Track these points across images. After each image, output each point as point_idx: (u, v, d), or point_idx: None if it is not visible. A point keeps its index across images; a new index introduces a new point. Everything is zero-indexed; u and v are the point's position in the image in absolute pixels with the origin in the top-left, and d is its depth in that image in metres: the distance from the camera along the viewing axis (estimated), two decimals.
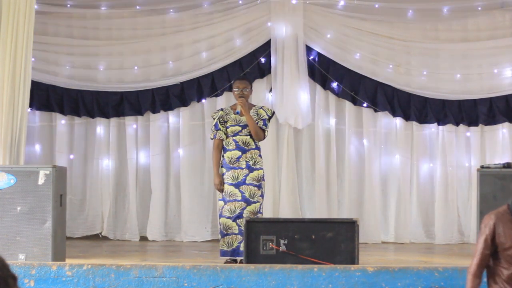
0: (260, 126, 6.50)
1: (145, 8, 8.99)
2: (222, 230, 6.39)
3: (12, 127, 6.74)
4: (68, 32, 9.06)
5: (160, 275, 5.07)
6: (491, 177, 6.19)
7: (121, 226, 8.98)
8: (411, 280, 4.98)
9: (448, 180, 8.85)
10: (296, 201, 8.84)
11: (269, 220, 6.46)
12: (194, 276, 5.06)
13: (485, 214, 6.12)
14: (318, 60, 8.88)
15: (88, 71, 9.03)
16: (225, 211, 6.38)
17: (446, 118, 8.85)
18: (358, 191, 8.91)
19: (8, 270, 2.32)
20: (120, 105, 8.98)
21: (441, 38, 8.98)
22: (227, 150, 6.50)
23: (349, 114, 8.93)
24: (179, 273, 5.07)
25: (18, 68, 6.81)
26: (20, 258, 6.00)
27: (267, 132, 6.61)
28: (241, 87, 6.55)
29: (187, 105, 8.96)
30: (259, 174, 6.46)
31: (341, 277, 5.01)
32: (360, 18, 8.91)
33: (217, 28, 8.94)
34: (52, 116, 9.10)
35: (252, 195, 6.39)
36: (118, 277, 5.08)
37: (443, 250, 8.16)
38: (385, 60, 8.91)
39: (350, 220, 5.79)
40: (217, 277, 5.05)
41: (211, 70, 8.93)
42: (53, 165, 6.31)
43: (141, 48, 9.03)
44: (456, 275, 4.98)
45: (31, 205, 6.10)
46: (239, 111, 6.44)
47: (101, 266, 5.13)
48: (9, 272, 2.32)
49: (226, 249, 6.36)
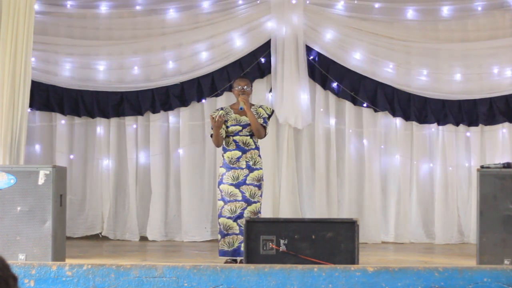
0: (261, 124, 6.51)
1: (145, 8, 9.00)
2: (222, 230, 6.38)
3: (12, 127, 6.74)
4: (68, 32, 9.06)
5: (160, 275, 5.07)
6: (491, 177, 6.19)
7: (121, 226, 8.98)
8: (411, 280, 4.98)
9: (448, 180, 8.85)
10: (296, 201, 8.84)
11: (269, 220, 6.46)
12: (194, 276, 5.06)
13: (485, 214, 6.16)
14: (318, 60, 8.88)
15: (88, 71, 9.03)
16: (225, 211, 6.38)
17: (446, 118, 8.85)
18: (358, 191, 8.91)
19: (9, 270, 2.33)
20: (120, 105, 8.98)
21: (441, 38, 8.98)
22: (227, 150, 6.50)
23: (349, 114, 8.93)
24: (179, 273, 5.07)
25: (18, 68, 6.81)
26: (20, 258, 6.00)
27: (268, 130, 6.62)
28: (242, 84, 6.56)
29: (187, 105, 8.97)
30: (259, 174, 6.47)
31: (341, 277, 5.01)
32: (360, 18, 8.91)
33: (217, 28, 8.94)
34: (52, 116, 9.11)
35: (253, 195, 6.39)
36: (118, 277, 5.08)
37: (443, 250, 8.16)
38: (385, 60, 8.91)
39: (350, 220, 5.79)
40: (217, 277, 5.05)
41: (211, 70, 8.93)
42: (53, 165, 6.32)
43: (141, 48, 9.03)
44: (456, 275, 4.98)
45: (31, 205, 6.10)
46: (242, 107, 6.43)
47: (101, 266, 5.12)
48: (9, 272, 2.33)
49: (226, 249, 6.35)
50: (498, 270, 5.00)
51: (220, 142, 6.51)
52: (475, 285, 4.95)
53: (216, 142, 6.53)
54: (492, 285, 4.94)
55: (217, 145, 6.59)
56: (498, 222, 6.13)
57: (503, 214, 6.14)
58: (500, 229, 6.13)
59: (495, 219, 6.13)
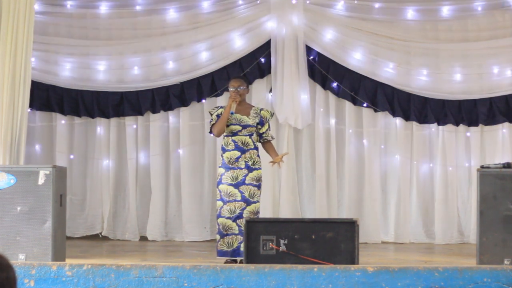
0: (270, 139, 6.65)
1: (145, 8, 8.99)
2: (221, 230, 6.38)
3: (12, 127, 6.74)
4: (68, 32, 9.06)
5: (160, 275, 5.07)
6: (491, 177, 6.19)
7: (121, 226, 8.98)
8: (411, 280, 4.98)
9: (448, 180, 8.85)
10: (296, 201, 8.84)
11: (269, 220, 6.47)
12: (194, 276, 5.06)
13: (485, 214, 6.16)
14: (318, 60, 8.88)
15: (88, 71, 9.02)
16: (225, 211, 6.37)
17: (446, 118, 8.85)
18: (358, 191, 8.91)
19: (14, 272, 2.37)
20: (120, 105, 8.98)
21: (441, 38, 8.97)
22: (226, 150, 6.50)
23: (349, 114, 8.93)
24: (179, 273, 5.07)
25: (18, 68, 6.81)
26: (20, 258, 6.00)
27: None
28: (235, 85, 6.55)
29: (187, 105, 8.96)
30: (258, 174, 6.46)
31: (341, 277, 5.01)
32: (360, 18, 8.90)
33: (217, 28, 8.93)
34: (52, 116, 9.10)
35: (252, 195, 6.39)
36: (118, 277, 5.08)
37: (443, 250, 8.16)
38: (385, 60, 8.91)
39: (350, 220, 5.79)
40: (217, 277, 5.05)
41: (211, 70, 8.92)
42: (53, 165, 6.32)
43: (141, 48, 9.03)
44: (456, 275, 4.98)
45: (31, 205, 6.10)
46: (233, 112, 6.42)
47: (101, 266, 5.13)
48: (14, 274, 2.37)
49: (226, 249, 6.35)
50: (498, 270, 5.01)
51: (223, 130, 6.46)
52: (475, 285, 4.96)
53: (221, 129, 6.43)
54: (492, 285, 4.94)
55: (220, 133, 6.49)
56: (498, 222, 6.13)
57: (503, 214, 6.13)
58: (500, 229, 6.13)
59: (495, 219, 6.13)
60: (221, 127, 6.46)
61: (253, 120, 6.55)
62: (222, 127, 6.45)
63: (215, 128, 6.51)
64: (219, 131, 6.50)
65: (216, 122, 6.49)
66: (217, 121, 6.48)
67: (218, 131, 6.50)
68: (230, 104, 6.46)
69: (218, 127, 6.47)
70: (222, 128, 6.46)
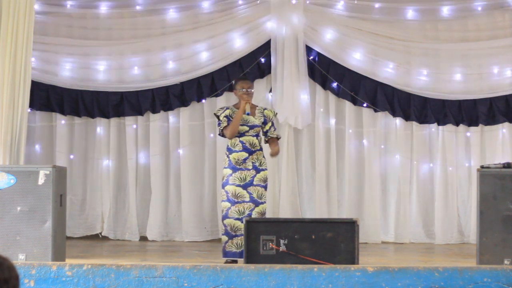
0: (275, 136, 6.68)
1: (145, 8, 8.99)
2: (229, 232, 6.36)
3: (12, 127, 6.74)
4: (68, 32, 9.06)
5: (160, 275, 5.07)
6: (491, 177, 6.19)
7: (121, 226, 8.98)
8: (411, 280, 4.98)
9: (448, 180, 8.85)
10: (296, 201, 8.84)
11: (269, 220, 6.47)
12: (194, 276, 5.06)
13: (485, 214, 6.16)
14: (318, 60, 8.88)
15: (88, 71, 9.02)
16: (233, 212, 6.36)
17: (446, 118, 8.84)
18: (358, 191, 8.91)
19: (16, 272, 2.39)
20: (120, 105, 8.98)
21: (441, 38, 8.97)
22: (233, 151, 6.48)
23: (349, 114, 8.93)
24: (179, 273, 5.07)
25: (18, 68, 6.81)
26: (20, 258, 6.00)
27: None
28: (246, 87, 6.57)
29: (187, 105, 8.96)
30: (265, 174, 6.48)
31: (341, 277, 5.01)
32: (360, 18, 8.90)
33: (217, 28, 8.94)
34: (52, 116, 9.11)
35: (260, 195, 6.40)
36: (118, 277, 5.08)
37: (443, 250, 8.16)
38: (385, 60, 8.91)
39: (350, 220, 5.80)
40: (217, 277, 5.06)
41: (211, 70, 8.92)
42: (53, 165, 6.32)
43: (141, 48, 9.03)
44: (456, 275, 4.98)
45: (31, 205, 6.10)
46: (249, 112, 6.45)
47: (101, 266, 5.13)
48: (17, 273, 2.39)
49: (235, 250, 6.33)
50: (498, 270, 5.01)
51: (236, 131, 6.44)
52: (475, 285, 4.96)
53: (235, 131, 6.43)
54: (492, 285, 4.94)
55: (233, 135, 6.46)
56: (498, 222, 6.13)
57: (503, 214, 6.13)
58: (500, 229, 6.13)
59: (495, 219, 6.13)
60: (235, 129, 6.45)
61: (259, 120, 6.58)
62: (236, 129, 6.45)
63: (228, 130, 6.48)
64: (233, 133, 6.47)
65: (229, 124, 6.47)
66: (230, 123, 6.46)
67: (231, 133, 6.47)
68: (244, 106, 6.46)
69: (232, 129, 6.46)
70: (236, 130, 6.46)
